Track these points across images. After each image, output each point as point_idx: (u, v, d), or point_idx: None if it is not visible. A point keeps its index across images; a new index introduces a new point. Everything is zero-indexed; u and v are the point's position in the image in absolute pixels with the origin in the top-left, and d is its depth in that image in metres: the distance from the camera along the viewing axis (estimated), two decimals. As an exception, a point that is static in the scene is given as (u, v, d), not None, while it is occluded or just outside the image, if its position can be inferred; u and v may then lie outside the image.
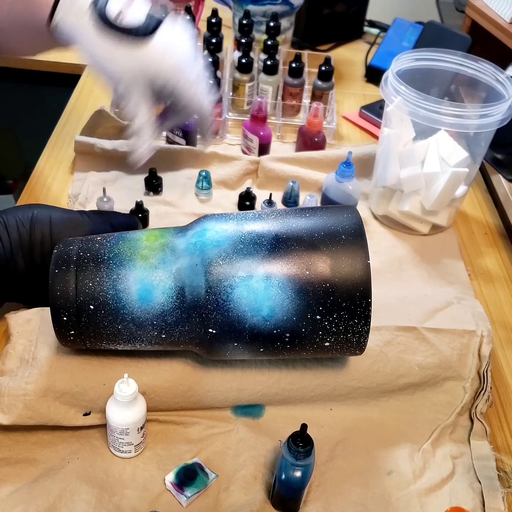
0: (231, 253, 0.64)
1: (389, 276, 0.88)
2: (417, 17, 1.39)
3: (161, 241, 0.67)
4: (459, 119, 0.83)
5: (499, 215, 1.04)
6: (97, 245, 0.67)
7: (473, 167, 0.92)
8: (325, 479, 0.66)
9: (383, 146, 0.93)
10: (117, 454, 0.66)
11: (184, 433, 0.69)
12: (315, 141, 1.05)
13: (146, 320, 0.64)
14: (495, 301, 0.89)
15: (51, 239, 0.73)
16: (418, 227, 0.95)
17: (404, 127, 0.89)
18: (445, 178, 0.87)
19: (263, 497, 0.64)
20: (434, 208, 0.91)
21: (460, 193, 0.92)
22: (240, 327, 0.63)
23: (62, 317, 0.64)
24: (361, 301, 0.62)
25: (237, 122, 1.14)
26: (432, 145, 0.88)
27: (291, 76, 1.13)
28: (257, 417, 0.71)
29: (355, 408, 0.73)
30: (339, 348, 0.66)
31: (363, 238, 0.64)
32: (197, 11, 1.33)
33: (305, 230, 0.65)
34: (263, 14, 1.23)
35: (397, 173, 0.90)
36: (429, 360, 0.73)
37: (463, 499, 0.66)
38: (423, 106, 0.83)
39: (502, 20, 1.11)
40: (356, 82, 1.34)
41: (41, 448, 0.66)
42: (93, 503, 0.62)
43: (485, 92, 0.92)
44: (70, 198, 0.94)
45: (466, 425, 0.73)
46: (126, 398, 0.62)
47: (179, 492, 0.63)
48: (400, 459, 0.69)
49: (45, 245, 0.73)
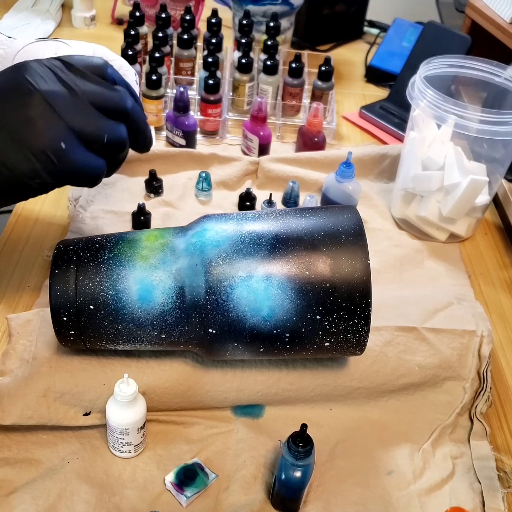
0: (231, 253, 0.64)
1: (389, 276, 0.88)
2: (417, 17, 1.39)
3: (161, 241, 0.67)
4: (485, 125, 0.82)
5: (499, 215, 1.04)
6: (97, 245, 0.67)
7: (495, 177, 0.91)
8: (325, 479, 0.66)
9: (407, 149, 0.93)
10: (117, 454, 0.66)
11: (184, 433, 0.69)
12: (315, 141, 1.05)
13: (146, 320, 0.64)
14: (495, 301, 0.89)
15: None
16: (435, 233, 0.94)
17: (430, 131, 0.88)
18: (463, 185, 0.86)
19: (263, 497, 0.64)
20: (452, 215, 0.90)
21: (480, 202, 0.91)
22: (240, 327, 0.63)
23: (62, 317, 0.64)
24: (361, 301, 0.62)
25: (237, 122, 1.14)
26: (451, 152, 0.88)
27: (291, 76, 1.13)
28: (257, 417, 0.71)
29: (355, 408, 0.73)
30: (339, 348, 0.66)
31: (363, 238, 0.64)
32: (197, 11, 1.33)
33: (305, 230, 0.65)
34: (263, 14, 1.23)
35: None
36: (429, 360, 0.73)
37: (463, 499, 0.66)
38: (450, 111, 0.83)
39: (502, 20, 1.11)
40: (356, 82, 1.34)
41: (41, 448, 0.66)
42: (93, 503, 0.62)
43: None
44: (70, 201, 0.93)
45: (466, 425, 0.73)
46: (126, 398, 0.62)
47: (179, 492, 0.63)
48: (400, 459, 0.69)
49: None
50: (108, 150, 0.67)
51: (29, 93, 0.62)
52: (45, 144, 0.62)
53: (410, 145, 0.92)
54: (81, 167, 0.65)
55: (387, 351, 0.73)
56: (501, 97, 0.92)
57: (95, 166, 0.66)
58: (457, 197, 0.87)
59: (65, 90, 0.64)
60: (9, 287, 0.82)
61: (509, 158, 0.91)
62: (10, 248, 0.87)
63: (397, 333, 0.75)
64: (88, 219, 0.90)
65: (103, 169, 0.68)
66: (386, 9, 1.54)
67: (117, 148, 0.68)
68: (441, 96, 0.84)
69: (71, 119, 0.63)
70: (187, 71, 1.18)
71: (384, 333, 0.75)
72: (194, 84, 1.18)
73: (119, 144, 0.68)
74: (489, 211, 1.04)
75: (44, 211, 0.94)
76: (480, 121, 0.82)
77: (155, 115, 1.08)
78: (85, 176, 0.66)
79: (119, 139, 0.68)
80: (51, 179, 0.63)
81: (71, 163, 0.63)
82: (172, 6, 1.33)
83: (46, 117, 0.62)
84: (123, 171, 0.99)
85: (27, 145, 0.61)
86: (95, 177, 0.68)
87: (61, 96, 0.63)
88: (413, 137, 0.91)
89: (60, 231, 0.90)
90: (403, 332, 0.75)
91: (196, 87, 1.17)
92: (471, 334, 0.75)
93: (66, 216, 0.92)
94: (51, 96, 0.62)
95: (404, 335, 0.75)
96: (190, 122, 1.04)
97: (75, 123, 0.63)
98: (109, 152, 0.68)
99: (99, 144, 0.65)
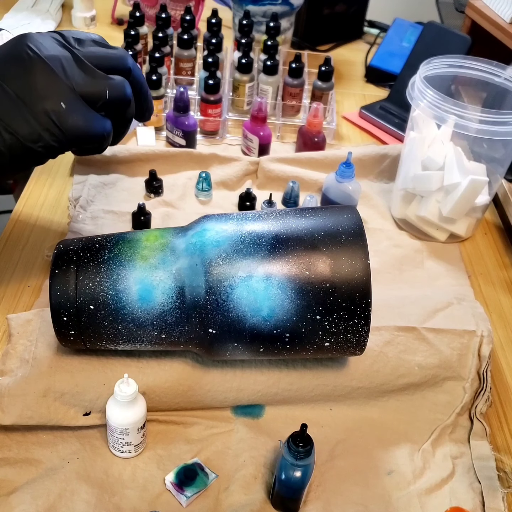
0: (231, 253, 0.64)
1: (389, 276, 0.88)
2: (417, 17, 1.39)
3: (161, 241, 0.67)
4: (485, 125, 0.82)
5: (499, 215, 1.04)
6: (97, 245, 0.67)
7: (495, 177, 0.91)
8: (325, 479, 0.66)
9: (407, 149, 0.93)
10: (117, 454, 0.66)
11: (184, 433, 0.69)
12: (315, 141, 1.05)
13: (146, 320, 0.64)
14: (495, 301, 0.89)
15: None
16: (435, 233, 0.94)
17: (430, 131, 0.88)
18: (463, 185, 0.86)
19: (263, 497, 0.64)
20: (452, 215, 0.90)
21: (480, 202, 0.91)
22: (240, 327, 0.63)
23: (62, 317, 0.64)
24: (361, 301, 0.62)
25: (237, 122, 1.14)
26: (451, 152, 0.88)
27: (291, 76, 1.13)
28: (257, 417, 0.71)
29: (355, 408, 0.73)
30: (339, 348, 0.66)
31: (363, 238, 0.64)
32: (197, 11, 1.33)
33: (305, 230, 0.65)
34: (263, 14, 1.23)
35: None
36: (429, 360, 0.73)
37: (463, 499, 0.66)
38: (450, 111, 0.83)
39: (502, 20, 1.11)
40: (356, 82, 1.34)
41: (41, 448, 0.66)
42: (93, 503, 0.62)
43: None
44: (70, 202, 0.93)
45: (466, 425, 0.73)
46: (126, 398, 0.62)
47: (179, 492, 0.63)
48: (400, 459, 0.69)
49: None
50: (112, 107, 0.66)
51: (29, 58, 0.62)
52: (45, 106, 0.62)
53: (410, 145, 0.92)
54: (84, 126, 0.64)
55: (387, 351, 0.73)
56: (501, 97, 0.92)
57: (99, 125, 0.66)
58: (457, 197, 0.87)
59: (64, 53, 0.64)
60: (9, 287, 0.82)
61: (509, 158, 0.91)
62: (10, 248, 0.87)
63: (397, 333, 0.75)
64: (88, 219, 0.90)
65: (108, 129, 0.67)
66: (386, 9, 1.54)
67: (121, 104, 0.67)
68: (441, 96, 0.84)
69: (71, 79, 0.63)
70: (187, 71, 1.18)
71: (384, 333, 0.75)
72: (194, 84, 1.18)
73: (122, 99, 0.67)
74: (489, 211, 1.04)
75: (44, 211, 0.94)
76: (480, 121, 0.82)
77: (155, 115, 1.08)
78: (90, 137, 0.65)
79: (122, 94, 0.67)
80: (55, 142, 0.63)
81: (73, 123, 0.63)
82: (172, 6, 1.33)
83: (46, 79, 0.62)
84: (123, 171, 0.99)
85: (27, 108, 0.62)
86: (101, 137, 0.66)
87: (61, 58, 0.64)
88: (413, 137, 0.91)
89: (60, 231, 0.90)
90: (403, 332, 0.75)
91: (196, 87, 1.17)
92: (471, 334, 0.75)
93: (66, 216, 0.92)
94: (51, 59, 0.63)
95: (404, 335, 0.75)
96: (190, 122, 1.04)
97: (76, 82, 0.63)
98: (114, 109, 0.67)
99: (102, 101, 0.65)
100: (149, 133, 1.08)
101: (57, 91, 0.62)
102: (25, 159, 0.64)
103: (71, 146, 0.65)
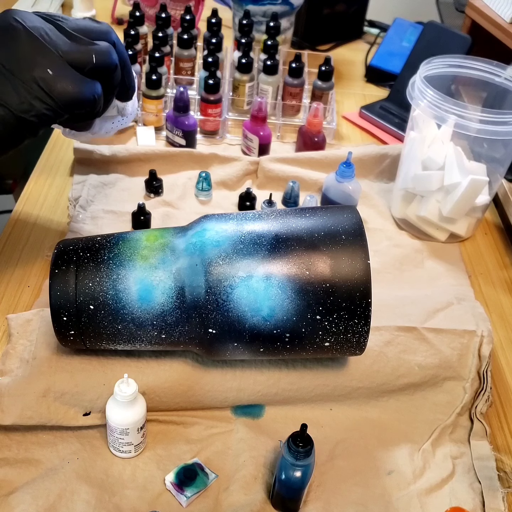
0: (231, 253, 0.64)
1: (389, 276, 0.88)
2: (417, 17, 1.39)
3: (161, 241, 0.67)
4: (485, 125, 0.82)
5: (499, 215, 1.04)
6: (97, 245, 0.67)
7: (495, 177, 0.91)
8: (325, 479, 0.66)
9: (407, 149, 0.92)
10: (117, 454, 0.66)
11: (184, 433, 0.69)
12: (315, 141, 1.05)
13: (146, 320, 0.64)
14: (495, 301, 0.89)
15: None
16: (435, 233, 0.94)
17: (430, 131, 0.88)
18: (463, 185, 0.86)
19: (263, 497, 0.64)
20: (452, 215, 0.90)
21: (480, 202, 0.91)
22: (240, 327, 0.63)
23: (62, 317, 0.64)
24: (361, 301, 0.62)
25: (237, 122, 1.14)
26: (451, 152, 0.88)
27: (291, 76, 1.13)
28: (257, 417, 0.71)
29: (355, 408, 0.73)
30: (339, 348, 0.66)
31: (363, 238, 0.64)
32: (197, 11, 1.33)
33: (305, 230, 0.65)
34: (263, 14, 1.23)
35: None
36: (429, 360, 0.73)
37: (463, 499, 0.66)
38: (450, 111, 0.83)
39: (502, 20, 1.11)
40: (356, 82, 1.34)
41: (41, 448, 0.66)
42: (93, 503, 0.62)
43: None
44: (70, 201, 0.93)
45: (466, 425, 0.73)
46: (126, 398, 0.62)
47: (179, 492, 0.63)
48: (400, 459, 0.69)
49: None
50: (99, 72, 0.67)
51: (14, 29, 0.63)
52: (33, 74, 0.62)
53: (410, 145, 0.92)
54: (74, 91, 0.65)
55: (387, 351, 0.73)
56: (501, 97, 0.92)
57: (89, 89, 0.66)
58: (457, 197, 0.87)
59: (49, 25, 0.65)
60: (9, 287, 0.82)
61: (509, 158, 0.91)
62: (10, 248, 0.87)
63: (397, 333, 0.75)
64: (88, 219, 0.90)
65: (98, 91, 0.67)
66: (386, 9, 1.54)
67: (108, 69, 0.68)
68: (441, 96, 0.84)
69: (57, 46, 0.64)
70: (187, 71, 1.18)
71: (384, 333, 0.75)
72: (194, 84, 1.18)
73: (109, 64, 0.68)
74: (489, 211, 1.04)
75: (44, 211, 0.94)
76: (480, 121, 0.82)
77: (155, 115, 1.08)
78: (80, 101, 0.66)
79: (108, 58, 0.68)
80: (46, 110, 0.64)
81: (62, 88, 0.64)
82: (172, 6, 1.33)
83: (32, 48, 0.63)
84: (123, 171, 0.99)
85: (15, 78, 0.62)
86: (92, 101, 0.67)
87: (47, 29, 0.65)
88: (413, 137, 0.91)
89: (60, 231, 0.90)
90: (403, 332, 0.75)
91: (196, 87, 1.17)
92: (471, 334, 0.75)
93: (66, 216, 0.92)
94: (37, 30, 0.64)
95: (404, 335, 0.75)
96: (190, 122, 1.04)
97: (62, 49, 0.64)
98: (101, 75, 0.68)
99: (90, 67, 0.66)
100: (149, 133, 1.08)
101: (43, 59, 0.63)
102: (19, 130, 0.65)
103: (63, 112, 0.66)
